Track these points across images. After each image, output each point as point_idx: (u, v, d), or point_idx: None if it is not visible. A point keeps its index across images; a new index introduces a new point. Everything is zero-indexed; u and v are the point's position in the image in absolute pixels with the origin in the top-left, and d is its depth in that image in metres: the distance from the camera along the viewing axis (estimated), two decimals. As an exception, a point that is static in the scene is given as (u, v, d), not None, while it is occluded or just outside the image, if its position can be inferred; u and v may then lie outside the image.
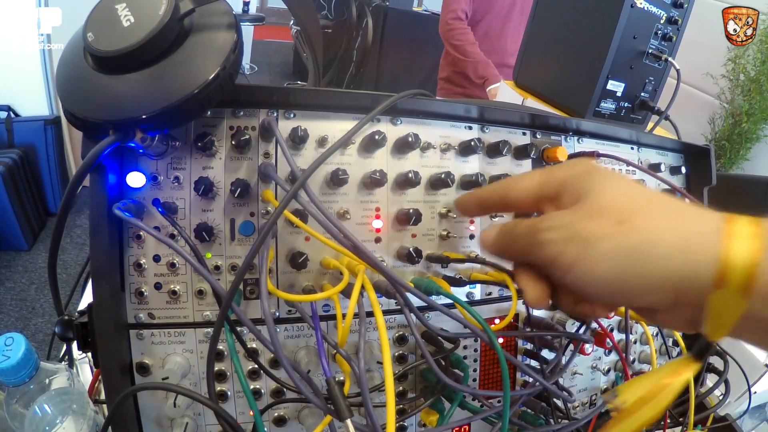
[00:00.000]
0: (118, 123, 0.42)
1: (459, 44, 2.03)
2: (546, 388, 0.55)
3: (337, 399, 0.41)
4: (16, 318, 2.27)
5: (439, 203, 0.63)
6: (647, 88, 1.06)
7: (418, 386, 0.64)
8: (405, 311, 0.46)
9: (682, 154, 0.91)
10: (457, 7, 2.00)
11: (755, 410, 1.06)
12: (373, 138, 0.56)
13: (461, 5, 2.00)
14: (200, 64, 0.43)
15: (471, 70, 2.04)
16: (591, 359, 0.77)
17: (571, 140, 0.74)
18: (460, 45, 2.02)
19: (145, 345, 0.54)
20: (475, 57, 2.01)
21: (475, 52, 2.01)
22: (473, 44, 2.01)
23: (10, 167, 2.50)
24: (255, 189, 0.54)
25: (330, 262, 0.54)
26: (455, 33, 2.03)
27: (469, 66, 2.04)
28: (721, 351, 0.83)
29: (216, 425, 0.56)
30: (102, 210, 0.48)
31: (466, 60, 2.03)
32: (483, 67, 1.99)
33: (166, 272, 0.53)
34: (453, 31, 2.03)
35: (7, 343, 0.55)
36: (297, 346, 0.57)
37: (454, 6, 2.01)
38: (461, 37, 2.02)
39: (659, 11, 0.98)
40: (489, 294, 0.67)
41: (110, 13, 0.43)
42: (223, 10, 0.47)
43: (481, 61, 2.00)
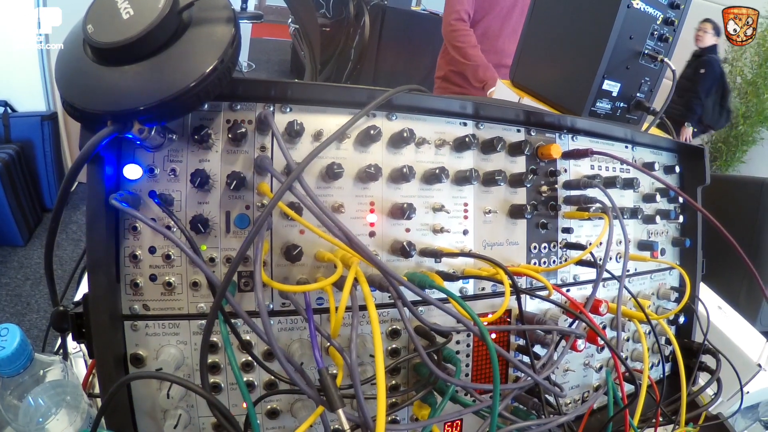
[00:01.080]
0: (117, 114, 0.42)
1: (461, 46, 2.02)
2: (537, 382, 0.56)
3: (329, 389, 0.41)
4: (11, 313, 2.26)
5: (433, 198, 0.63)
6: (643, 89, 1.06)
7: (411, 380, 0.64)
8: (398, 304, 0.47)
9: (677, 154, 0.91)
10: (461, 8, 1.99)
11: (748, 410, 1.06)
12: (368, 132, 0.56)
13: (464, 6, 1.99)
14: (198, 57, 0.44)
15: (471, 73, 2.04)
16: (583, 356, 0.78)
17: (565, 138, 0.75)
18: (462, 47, 2.02)
19: (139, 336, 0.54)
20: (476, 60, 2.00)
21: (477, 55, 2.00)
22: (475, 47, 2.01)
23: (7, 162, 2.49)
24: (251, 182, 0.55)
25: (324, 255, 0.55)
26: (457, 35, 2.02)
27: (469, 69, 2.04)
28: (714, 350, 0.83)
29: (208, 417, 0.57)
30: (99, 201, 0.48)
31: (467, 63, 2.03)
32: (483, 70, 1.99)
33: (162, 264, 0.53)
34: (455, 32, 2.02)
35: (2, 333, 0.54)
36: (291, 339, 0.58)
37: (458, 7, 2.00)
38: (463, 39, 2.01)
39: (656, 12, 0.98)
40: (482, 289, 0.68)
41: (110, 6, 0.44)
42: (222, 4, 0.48)
43: (481, 64, 1.99)
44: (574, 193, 0.74)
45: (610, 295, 0.79)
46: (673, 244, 0.90)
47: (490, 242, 0.68)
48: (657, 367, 0.88)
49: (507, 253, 0.70)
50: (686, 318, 0.88)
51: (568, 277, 0.75)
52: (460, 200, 0.65)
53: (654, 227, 0.87)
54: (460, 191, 0.65)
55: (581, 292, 0.76)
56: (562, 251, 0.74)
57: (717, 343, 0.87)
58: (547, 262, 0.73)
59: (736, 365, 0.82)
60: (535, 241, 0.72)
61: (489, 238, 0.68)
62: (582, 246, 0.73)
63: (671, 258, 0.90)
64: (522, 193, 0.70)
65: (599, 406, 0.79)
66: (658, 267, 0.88)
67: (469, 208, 0.66)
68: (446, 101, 0.63)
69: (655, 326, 0.83)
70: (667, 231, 0.90)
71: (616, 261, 0.81)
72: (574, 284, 0.76)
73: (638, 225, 0.84)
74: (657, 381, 0.85)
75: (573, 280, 0.76)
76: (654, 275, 0.87)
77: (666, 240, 0.89)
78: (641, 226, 0.84)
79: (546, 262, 0.73)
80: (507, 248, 0.70)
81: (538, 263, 0.72)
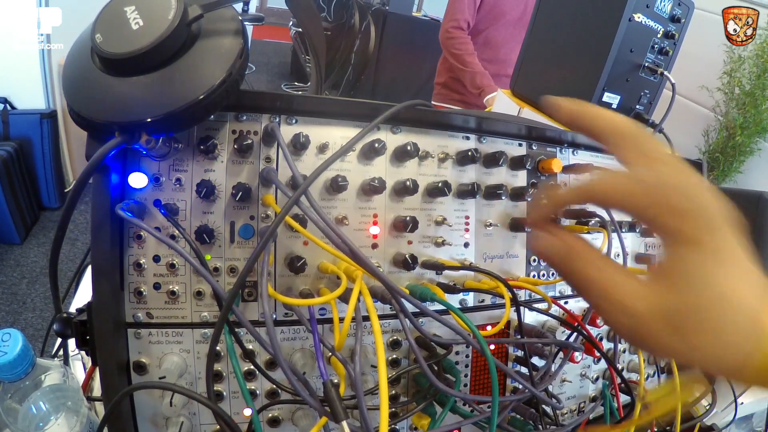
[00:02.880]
0: (125, 125, 0.43)
1: (458, 53, 2.04)
2: (534, 395, 0.56)
3: (334, 401, 0.41)
4: (6, 312, 2.26)
5: (435, 211, 0.64)
6: (642, 101, 1.07)
7: (411, 391, 0.65)
8: (400, 316, 0.47)
9: (675, 168, 0.92)
10: (460, 17, 2.00)
11: (742, 421, 1.07)
12: (373, 146, 0.57)
13: (464, 15, 2.00)
14: (207, 69, 0.44)
15: (468, 80, 2.05)
16: (580, 367, 0.79)
17: (566, 152, 0.76)
18: (459, 54, 2.03)
19: (142, 344, 0.54)
20: (473, 68, 2.02)
21: (474, 62, 2.02)
22: (472, 54, 2.02)
23: (5, 160, 2.48)
24: (255, 193, 0.55)
25: (328, 267, 0.55)
26: (454, 42, 2.04)
27: (466, 76, 2.05)
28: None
29: (210, 425, 0.57)
30: (104, 209, 0.48)
31: (464, 69, 2.04)
32: (480, 77, 2.00)
33: (166, 273, 0.54)
34: (452, 39, 2.04)
35: (4, 338, 0.55)
36: (293, 349, 0.58)
37: (457, 15, 2.01)
38: (460, 46, 2.03)
39: (656, 26, 0.99)
40: (482, 301, 0.68)
41: (119, 16, 0.44)
42: (230, 15, 0.48)
43: (478, 72, 2.01)
44: (574, 206, 0.74)
45: (608, 308, 0.79)
46: (670, 257, 0.90)
47: (491, 255, 0.69)
48: (653, 378, 0.89)
49: (507, 265, 0.70)
50: (682, 330, 0.89)
51: (567, 290, 0.76)
52: (461, 213, 0.66)
53: (651, 240, 0.87)
54: (462, 204, 0.66)
55: (579, 305, 0.77)
56: (562, 264, 0.75)
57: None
58: (546, 275, 0.74)
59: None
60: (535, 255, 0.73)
61: (489, 251, 0.68)
62: (581, 259, 0.74)
63: (668, 271, 0.91)
64: (523, 207, 0.71)
65: (595, 416, 0.79)
66: (656, 279, 0.89)
67: (471, 221, 0.67)
68: (449, 116, 0.64)
69: (651, 338, 0.84)
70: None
71: (614, 273, 0.81)
72: (572, 296, 0.76)
73: (636, 238, 0.85)
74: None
75: (571, 292, 0.76)
76: (651, 288, 0.88)
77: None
78: (639, 239, 0.85)
79: (545, 275, 0.74)
80: (507, 261, 0.70)
81: (537, 276, 0.73)
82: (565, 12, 1.12)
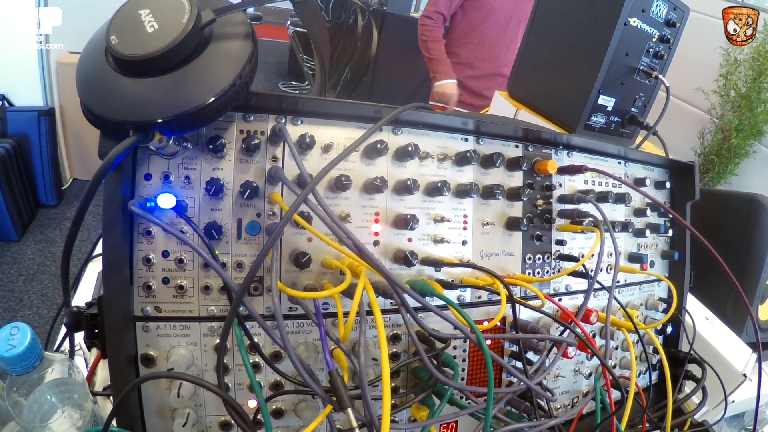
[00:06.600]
0: (140, 124, 0.44)
1: (424, 39, 2.17)
2: (529, 387, 0.58)
3: (339, 390, 0.43)
4: (3, 309, 2.26)
5: (434, 210, 0.66)
6: (637, 104, 1.09)
7: (410, 383, 0.66)
8: (401, 311, 0.49)
9: (668, 170, 0.95)
10: (435, 9, 2.13)
11: (734, 419, 1.09)
12: (375, 146, 0.59)
13: (439, 8, 2.12)
14: (219, 72, 0.46)
15: (429, 65, 2.19)
16: (573, 363, 0.81)
17: (561, 154, 0.78)
18: (424, 40, 2.17)
19: (150, 337, 0.56)
20: (434, 54, 2.15)
21: (436, 49, 2.15)
22: (436, 41, 2.15)
23: (2, 157, 2.48)
24: (262, 191, 0.57)
25: (332, 263, 0.57)
26: (423, 29, 2.17)
27: (428, 61, 2.18)
28: (700, 359, 0.86)
29: (216, 416, 0.59)
30: (116, 206, 0.50)
31: (427, 56, 2.16)
32: (436, 64, 2.14)
33: (174, 268, 0.55)
34: (423, 26, 2.17)
35: (13, 332, 0.56)
36: (297, 342, 0.60)
37: (433, 8, 2.14)
38: (427, 33, 2.16)
39: (652, 30, 1.01)
40: (479, 297, 0.70)
41: (134, 18, 0.45)
42: (241, 20, 0.50)
43: (436, 58, 2.14)
44: (569, 206, 0.76)
45: (601, 305, 0.82)
46: (662, 257, 0.93)
47: (487, 252, 0.71)
48: (644, 375, 0.91)
49: (503, 263, 0.72)
50: (673, 328, 0.91)
51: (561, 287, 0.78)
52: (460, 212, 0.68)
53: (644, 240, 0.90)
54: (461, 203, 0.68)
55: (573, 302, 0.79)
56: (556, 262, 0.77)
57: (704, 353, 0.90)
58: (541, 272, 0.76)
59: (722, 375, 0.85)
60: (530, 253, 0.75)
61: (486, 249, 0.70)
62: (575, 258, 0.76)
63: (660, 270, 0.93)
64: (518, 207, 0.73)
65: (588, 411, 0.81)
66: (647, 279, 0.91)
67: (469, 219, 0.69)
68: (449, 118, 0.66)
69: (643, 335, 0.87)
70: (657, 244, 0.93)
71: (606, 272, 0.84)
72: (566, 294, 0.79)
73: (629, 238, 0.87)
74: (644, 388, 0.89)
75: (565, 290, 0.79)
76: (643, 286, 0.91)
77: (655, 253, 0.92)
78: (632, 239, 0.88)
79: (540, 272, 0.76)
80: (503, 258, 0.72)
81: (532, 273, 0.75)
82: (562, 15, 1.13)
